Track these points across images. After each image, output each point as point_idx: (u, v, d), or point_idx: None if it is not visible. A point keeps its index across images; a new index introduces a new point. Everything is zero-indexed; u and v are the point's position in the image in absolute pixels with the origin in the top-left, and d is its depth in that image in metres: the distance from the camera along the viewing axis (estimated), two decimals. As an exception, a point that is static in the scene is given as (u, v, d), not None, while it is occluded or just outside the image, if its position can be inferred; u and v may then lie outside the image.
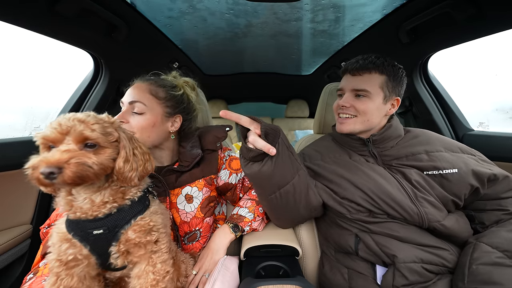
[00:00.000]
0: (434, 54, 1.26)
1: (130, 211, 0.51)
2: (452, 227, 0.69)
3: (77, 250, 0.47)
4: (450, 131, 1.31)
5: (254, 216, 0.85)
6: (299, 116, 3.01)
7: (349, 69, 0.83)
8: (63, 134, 0.44)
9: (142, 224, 0.51)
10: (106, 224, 0.49)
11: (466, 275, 0.60)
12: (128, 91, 0.74)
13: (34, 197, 1.11)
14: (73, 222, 0.48)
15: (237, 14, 1.23)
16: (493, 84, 1.36)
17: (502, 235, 0.64)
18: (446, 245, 0.70)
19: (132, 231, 0.50)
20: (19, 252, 1.02)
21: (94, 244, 0.49)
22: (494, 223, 0.71)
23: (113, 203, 0.50)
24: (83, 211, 0.48)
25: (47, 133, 0.44)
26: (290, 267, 0.77)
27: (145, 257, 0.53)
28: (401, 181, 0.75)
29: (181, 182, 0.80)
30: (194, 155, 0.81)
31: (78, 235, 0.48)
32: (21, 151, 1.03)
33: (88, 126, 0.46)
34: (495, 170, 0.74)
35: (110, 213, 0.49)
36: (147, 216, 0.53)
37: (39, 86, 1.35)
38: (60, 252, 0.47)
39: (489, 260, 0.59)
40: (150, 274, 0.52)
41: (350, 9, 1.19)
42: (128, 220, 0.50)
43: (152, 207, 0.56)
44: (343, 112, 0.84)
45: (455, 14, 0.96)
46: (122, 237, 0.50)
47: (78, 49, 1.17)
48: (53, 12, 0.91)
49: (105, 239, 0.49)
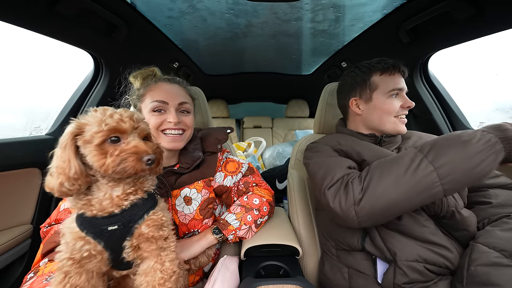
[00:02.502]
0: (435, 53, 1.26)
1: (143, 206, 0.53)
2: (468, 218, 0.70)
3: (91, 246, 0.49)
4: (450, 130, 1.30)
5: (240, 224, 0.80)
6: (299, 116, 3.01)
7: (397, 68, 0.82)
8: (135, 128, 0.50)
9: (155, 218, 0.53)
10: (120, 220, 0.50)
11: (465, 277, 0.60)
12: (169, 89, 0.79)
13: (34, 197, 1.11)
14: (85, 220, 0.49)
15: (237, 14, 1.23)
16: (494, 84, 1.36)
17: (497, 234, 0.64)
18: (452, 245, 0.70)
19: (146, 225, 0.52)
20: (19, 252, 1.02)
21: (109, 240, 0.50)
22: (483, 219, 0.73)
23: (136, 195, 0.53)
24: (102, 207, 0.49)
25: (121, 124, 0.48)
26: (290, 267, 0.77)
27: (155, 254, 0.53)
28: None
29: (180, 184, 0.79)
30: (195, 157, 0.82)
31: (92, 232, 0.49)
32: (22, 151, 1.03)
33: (145, 123, 0.54)
34: None
35: (125, 209, 0.50)
36: (159, 211, 0.55)
37: (40, 86, 1.35)
38: (74, 250, 0.47)
39: (487, 261, 0.59)
40: (158, 273, 0.52)
41: (350, 9, 1.19)
42: (142, 215, 0.52)
43: (161, 204, 0.58)
44: (405, 112, 0.84)
45: (456, 13, 0.96)
46: (136, 232, 0.51)
47: (78, 49, 1.16)
48: (53, 12, 0.91)
49: (119, 234, 0.50)
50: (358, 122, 0.90)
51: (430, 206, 0.71)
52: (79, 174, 0.46)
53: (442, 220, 0.72)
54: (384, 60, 0.84)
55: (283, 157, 2.10)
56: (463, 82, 1.41)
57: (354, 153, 0.80)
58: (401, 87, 0.83)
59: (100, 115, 0.48)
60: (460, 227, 0.71)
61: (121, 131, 0.48)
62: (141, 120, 0.52)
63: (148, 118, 0.75)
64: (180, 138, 0.79)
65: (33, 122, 1.19)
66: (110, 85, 1.34)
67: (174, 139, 0.77)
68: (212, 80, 2.47)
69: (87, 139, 0.46)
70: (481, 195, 0.77)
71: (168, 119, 0.76)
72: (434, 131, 1.31)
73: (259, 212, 0.85)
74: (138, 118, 0.52)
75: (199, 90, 1.10)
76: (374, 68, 0.84)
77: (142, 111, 0.78)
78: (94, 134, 0.46)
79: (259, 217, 0.85)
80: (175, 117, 0.75)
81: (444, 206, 0.70)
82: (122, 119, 0.48)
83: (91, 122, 0.47)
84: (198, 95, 1.08)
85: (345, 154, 0.82)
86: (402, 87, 0.83)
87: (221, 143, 0.90)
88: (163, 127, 0.76)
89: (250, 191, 0.90)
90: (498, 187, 0.77)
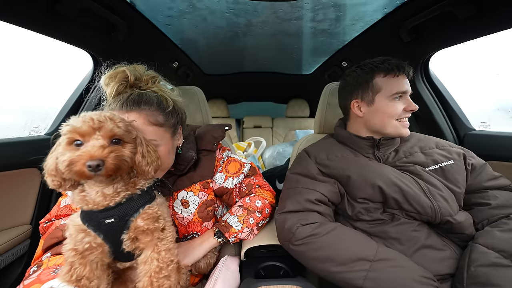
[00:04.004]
0: (436, 53, 1.25)
1: (138, 201, 0.55)
2: (464, 222, 0.71)
3: (92, 238, 0.51)
4: (451, 130, 1.30)
5: (242, 227, 0.79)
6: (299, 115, 3.00)
7: (402, 68, 0.79)
8: (94, 129, 0.47)
9: (150, 212, 0.55)
10: (116, 213, 0.52)
11: (465, 278, 0.60)
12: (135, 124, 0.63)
13: (33, 197, 1.10)
14: (86, 214, 0.52)
15: (237, 13, 1.23)
16: (495, 84, 1.36)
17: (496, 235, 0.65)
18: (450, 247, 0.71)
19: (141, 219, 0.54)
20: (18, 253, 1.01)
21: (107, 232, 0.52)
22: (482, 220, 0.73)
23: (126, 191, 0.54)
24: (96, 203, 0.51)
25: (78, 125, 0.47)
26: (290, 267, 0.77)
27: (152, 244, 0.55)
28: (413, 177, 0.76)
29: (178, 186, 0.79)
30: (188, 158, 0.78)
31: (92, 225, 0.52)
32: (21, 151, 1.03)
33: (115, 123, 0.50)
34: (475, 160, 0.81)
35: (120, 203, 0.52)
36: (155, 205, 0.57)
37: (38, 86, 1.35)
38: (76, 242, 0.51)
39: (486, 261, 0.60)
40: (155, 261, 0.54)
41: (350, 8, 1.18)
42: (137, 209, 0.54)
43: (159, 199, 0.60)
44: (407, 116, 0.81)
45: (457, 12, 0.95)
46: (132, 225, 0.53)
47: (77, 48, 1.16)
48: (53, 11, 0.91)
49: (116, 227, 0.53)
50: (359, 124, 0.88)
51: (423, 216, 0.72)
52: (55, 172, 0.48)
53: (438, 226, 0.73)
54: (388, 60, 0.80)
55: (283, 157, 2.08)
56: (464, 81, 1.40)
57: (339, 168, 0.81)
58: (405, 89, 0.79)
59: (75, 118, 0.49)
60: (456, 231, 0.71)
61: (80, 133, 0.47)
62: (108, 120, 0.49)
63: None
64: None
65: (32, 122, 1.19)
66: (109, 84, 1.33)
67: None
68: (212, 80, 2.46)
69: (60, 142, 0.49)
70: (480, 196, 0.77)
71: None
72: (435, 132, 1.31)
73: (261, 215, 0.85)
74: (101, 118, 0.48)
75: (199, 89, 1.09)
76: (377, 68, 0.80)
77: None
78: (62, 136, 0.48)
79: (261, 220, 0.85)
80: None
81: (437, 216, 0.71)
82: (84, 120, 0.47)
83: (69, 125, 0.49)
84: (197, 95, 1.08)
85: (329, 170, 0.82)
86: (406, 90, 0.80)
87: (217, 141, 0.86)
88: None
89: (253, 193, 0.89)
90: (497, 188, 0.77)
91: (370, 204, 0.76)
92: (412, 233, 0.71)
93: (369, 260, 0.62)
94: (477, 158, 0.81)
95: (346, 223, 0.80)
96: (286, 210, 0.76)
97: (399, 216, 0.74)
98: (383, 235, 0.74)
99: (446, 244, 0.72)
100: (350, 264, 0.62)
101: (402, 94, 0.80)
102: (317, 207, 0.75)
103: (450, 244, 0.72)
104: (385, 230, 0.74)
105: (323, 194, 0.77)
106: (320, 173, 0.83)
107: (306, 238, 0.68)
